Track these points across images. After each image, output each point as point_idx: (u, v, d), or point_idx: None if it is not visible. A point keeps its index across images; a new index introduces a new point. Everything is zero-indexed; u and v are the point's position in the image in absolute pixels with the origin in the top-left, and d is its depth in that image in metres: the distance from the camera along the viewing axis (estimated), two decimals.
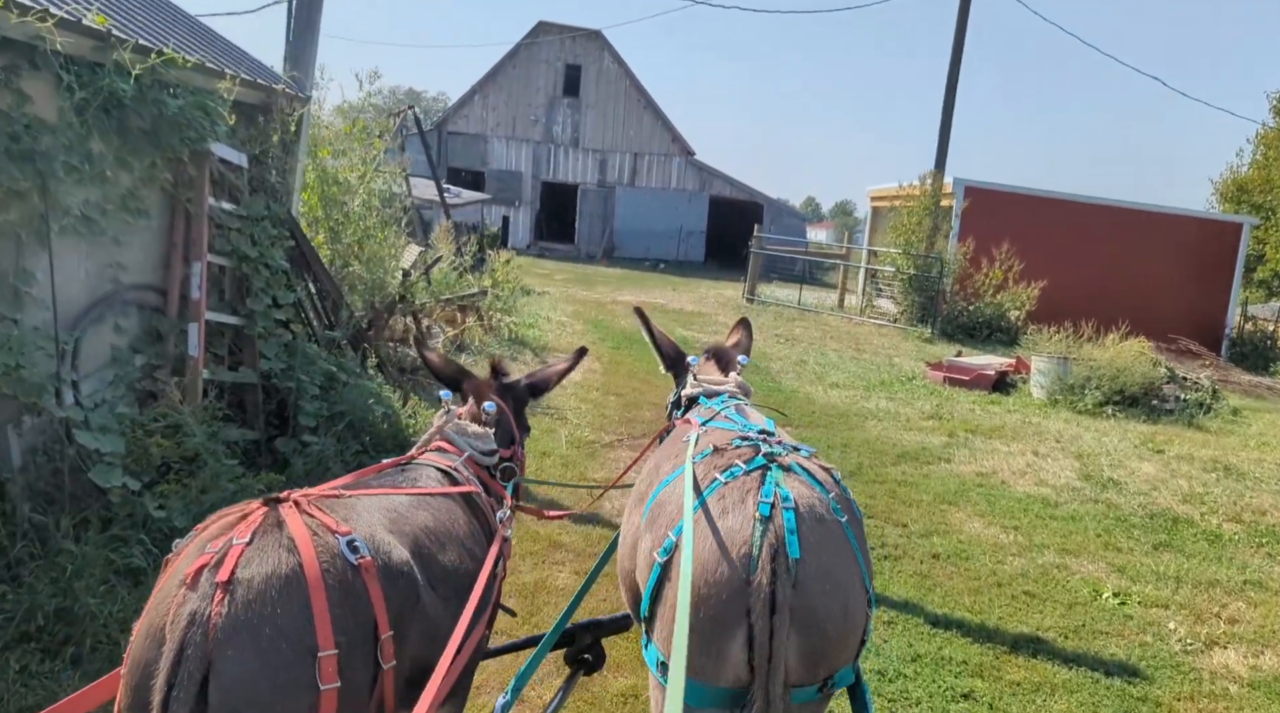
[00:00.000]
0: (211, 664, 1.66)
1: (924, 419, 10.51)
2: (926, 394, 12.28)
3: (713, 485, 2.32)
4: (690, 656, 2.03)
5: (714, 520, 2.23)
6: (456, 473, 2.65)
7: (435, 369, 3.31)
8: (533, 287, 22.70)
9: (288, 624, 1.73)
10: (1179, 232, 22.21)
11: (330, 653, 1.75)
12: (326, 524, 1.93)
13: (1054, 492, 7.69)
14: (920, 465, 8.26)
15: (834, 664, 2.19)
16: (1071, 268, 21.19)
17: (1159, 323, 19.85)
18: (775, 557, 2.08)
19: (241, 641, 1.69)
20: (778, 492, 2.20)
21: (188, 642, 1.66)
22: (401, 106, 12.56)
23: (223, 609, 1.70)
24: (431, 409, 8.08)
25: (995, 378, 13.12)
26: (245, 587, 1.73)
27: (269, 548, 1.81)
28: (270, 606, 1.73)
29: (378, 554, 1.96)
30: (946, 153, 20.25)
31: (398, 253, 10.35)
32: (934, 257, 19.65)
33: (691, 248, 39.39)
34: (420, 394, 8.67)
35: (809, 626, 2.09)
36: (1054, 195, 22.15)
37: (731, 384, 3.19)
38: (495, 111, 37.92)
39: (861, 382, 12.87)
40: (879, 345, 17.31)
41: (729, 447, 2.48)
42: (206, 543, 1.82)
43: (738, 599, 2.09)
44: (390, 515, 2.20)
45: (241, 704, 1.68)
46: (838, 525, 2.24)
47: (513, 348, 12.02)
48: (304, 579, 1.77)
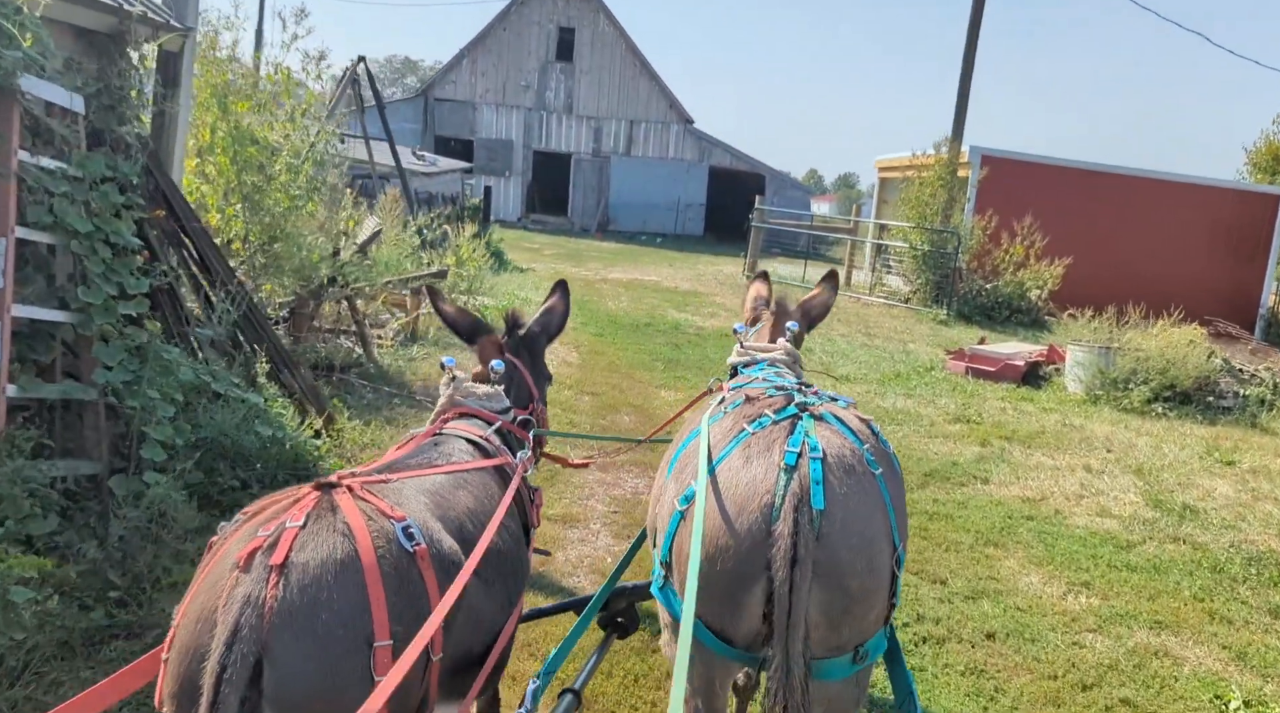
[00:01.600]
0: (266, 649, 1.61)
1: (950, 422, 9.05)
2: (949, 389, 10.80)
3: (740, 436, 2.26)
4: (709, 607, 2.09)
5: (737, 471, 2.17)
6: (487, 443, 2.56)
7: (450, 321, 3.16)
8: (518, 263, 21.19)
9: (345, 612, 1.67)
10: (1211, 204, 20.61)
11: (386, 644, 1.69)
12: (381, 509, 1.87)
13: (1121, 526, 6.23)
14: (953, 488, 6.80)
15: (860, 626, 2.09)
16: (1095, 243, 19.64)
17: (1189, 302, 18.26)
18: (798, 507, 2.01)
19: (298, 626, 1.63)
20: (806, 441, 2.13)
21: (242, 624, 1.61)
22: (354, 63, 10.93)
23: (278, 593, 1.64)
24: (361, 421, 6.63)
25: (1025, 369, 11.64)
26: (301, 571, 1.67)
27: (324, 532, 1.75)
28: (327, 591, 1.67)
29: (431, 543, 1.91)
30: (965, 118, 18.64)
31: (336, 226, 8.84)
32: (950, 231, 18.08)
33: (690, 221, 37.73)
34: (352, 397, 7.20)
35: (831, 580, 2.02)
36: (1076, 165, 20.54)
37: (779, 351, 2.96)
38: (484, 77, 36.13)
39: (874, 374, 11.39)
40: (890, 329, 15.81)
41: (761, 396, 2.44)
42: (257, 527, 1.77)
43: (758, 550, 2.04)
44: (435, 499, 2.12)
45: (297, 693, 1.62)
46: (869, 478, 2.15)
47: None
48: (360, 565, 1.72)
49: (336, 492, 1.88)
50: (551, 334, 3.27)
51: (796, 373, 2.88)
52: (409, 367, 8.52)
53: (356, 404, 7.08)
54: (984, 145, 20.17)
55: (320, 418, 5.98)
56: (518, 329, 3.14)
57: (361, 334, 8.06)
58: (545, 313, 3.27)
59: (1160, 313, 12.65)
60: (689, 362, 10.96)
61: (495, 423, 2.70)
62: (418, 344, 9.30)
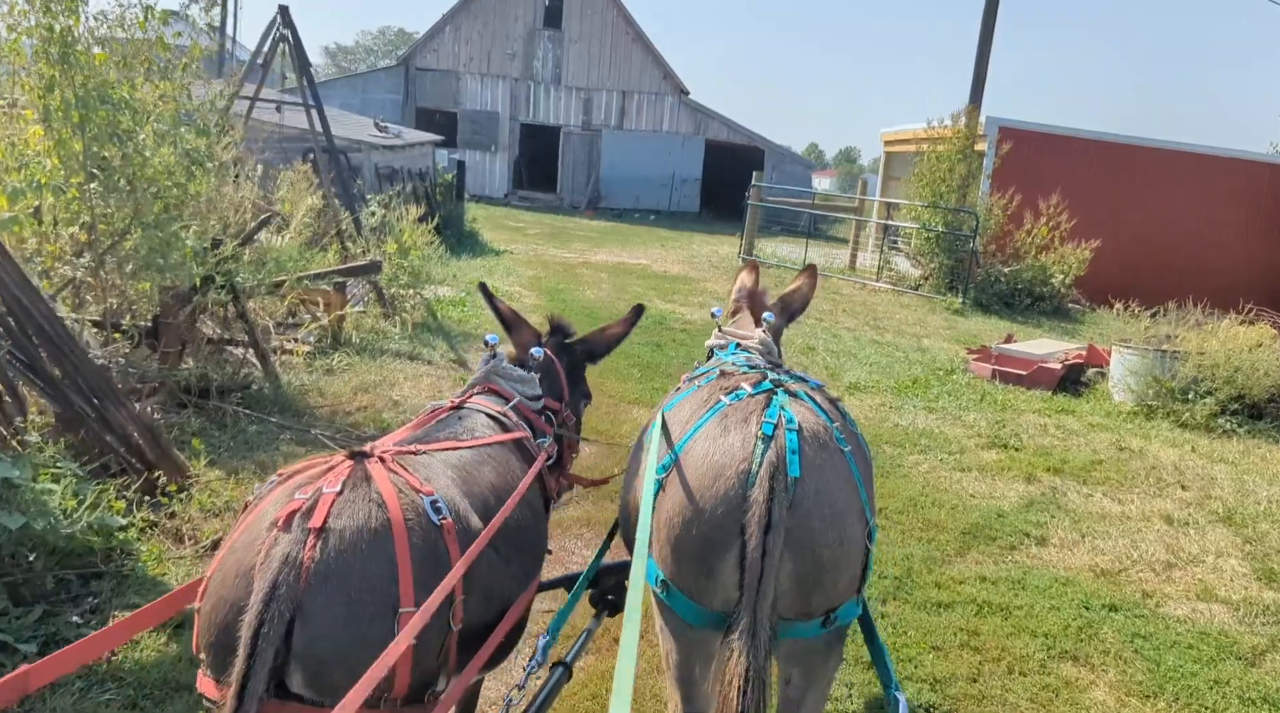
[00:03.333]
0: (300, 608, 1.68)
1: (984, 447, 7.46)
2: (975, 399, 9.21)
3: (717, 406, 2.28)
4: (683, 572, 2.14)
5: (714, 439, 2.18)
6: (506, 418, 2.60)
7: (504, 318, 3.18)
8: (497, 244, 19.52)
9: (375, 578, 1.76)
10: (1251, 180, 18.91)
11: (411, 611, 1.75)
12: (411, 483, 1.93)
13: (1235, 618, 4.65)
14: (1002, 554, 5.22)
15: (830, 594, 2.12)
16: (1122, 223, 17.98)
17: (1225, 289, 16.71)
18: (774, 475, 2.03)
19: (331, 588, 1.71)
20: (782, 414, 2.17)
21: (280, 582, 1.67)
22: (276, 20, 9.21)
23: (315, 555, 1.72)
24: (226, 470, 5.06)
25: (1062, 374, 10.04)
26: (338, 536, 1.75)
27: (359, 500, 1.82)
28: (360, 557, 1.75)
29: (458, 518, 1.97)
30: (984, 85, 16.90)
31: (224, 210, 7.19)
32: (968, 210, 16.40)
33: (685, 197, 35.92)
34: (224, 434, 5.61)
35: (803, 548, 2.05)
36: (1102, 137, 18.83)
37: (754, 340, 2.92)
38: (468, 45, 34.18)
39: (888, 379, 9.79)
40: (902, 320, 14.18)
41: (736, 371, 2.50)
42: (295, 490, 1.83)
43: (732, 515, 2.05)
44: (460, 474, 2.17)
45: (325, 650, 1.70)
46: (840, 454, 2.19)
47: (419, 338, 8.89)
48: (392, 535, 1.79)
49: (369, 462, 1.93)
50: (595, 353, 3.24)
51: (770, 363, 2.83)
52: (319, 384, 6.90)
53: (229, 444, 5.48)
54: (1002, 116, 18.46)
55: (154, 476, 4.38)
56: (561, 334, 3.17)
57: (256, 345, 6.45)
58: (599, 330, 3.29)
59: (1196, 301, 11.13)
60: (671, 366, 9.36)
61: (513, 400, 2.72)
62: (339, 352, 7.68)
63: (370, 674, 1.61)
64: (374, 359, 7.83)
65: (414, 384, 7.37)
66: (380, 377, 7.38)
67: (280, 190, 8.54)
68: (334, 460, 1.94)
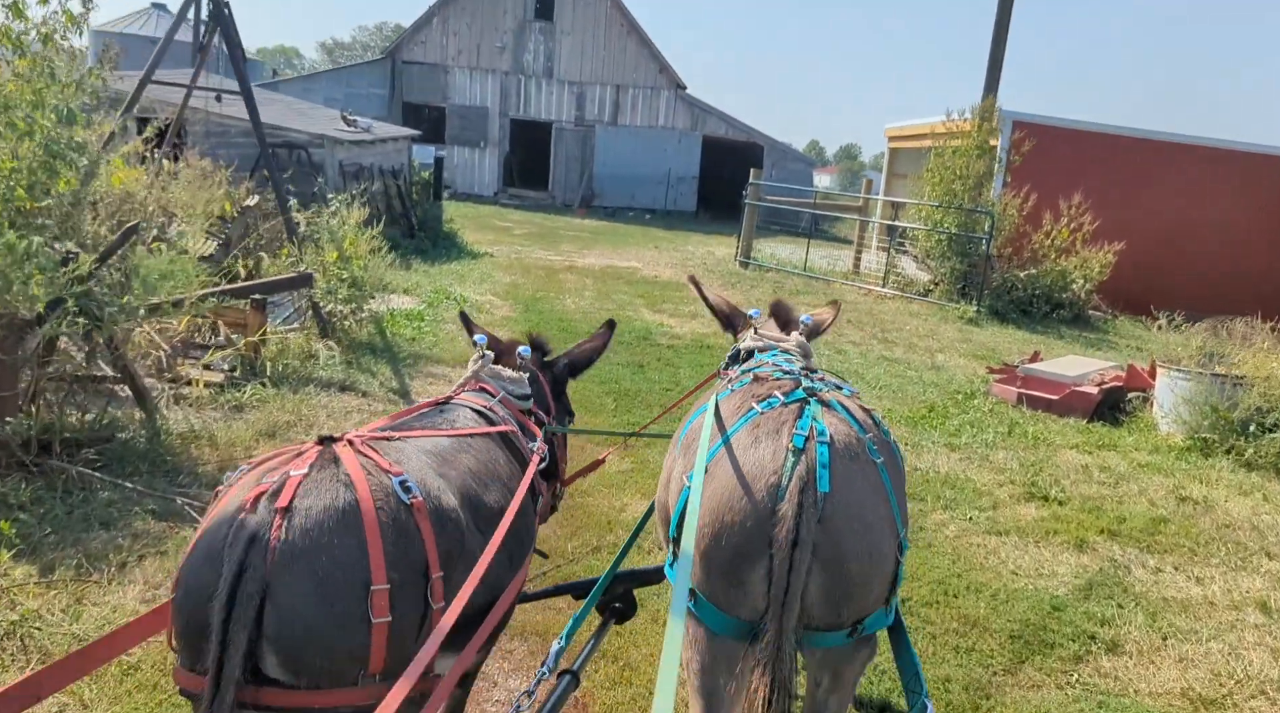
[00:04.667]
0: (269, 588, 1.66)
1: (1020, 499, 6.24)
2: (1002, 431, 7.99)
3: (748, 414, 2.25)
4: (711, 582, 2.11)
5: (745, 450, 2.16)
6: (492, 412, 2.60)
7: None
8: (478, 246, 18.29)
9: (343, 556, 1.73)
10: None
11: (383, 588, 1.74)
12: (380, 464, 1.92)
13: None
14: (1066, 672, 3.99)
15: (859, 607, 2.09)
16: (1150, 223, 16.74)
17: (1262, 297, 15.50)
18: (804, 489, 2.01)
19: (299, 568, 1.69)
20: (814, 425, 2.14)
21: (247, 564, 1.65)
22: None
23: (281, 535, 1.70)
24: (39, 564, 3.81)
25: (1099, 400, 8.81)
26: (304, 515, 1.73)
27: (326, 481, 1.81)
28: (327, 536, 1.73)
29: (429, 497, 1.95)
30: (999, 76, 15.66)
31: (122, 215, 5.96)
32: (983, 210, 15.16)
33: (681, 196, 34.63)
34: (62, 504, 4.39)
35: (832, 563, 2.02)
36: (1127, 133, 17.58)
37: (791, 343, 2.91)
38: (457, 37, 32.87)
39: (901, 406, 8.56)
40: (912, 332, 12.95)
41: (769, 378, 2.44)
42: (264, 474, 1.83)
43: (761, 529, 2.03)
44: (436, 459, 2.16)
45: (297, 631, 1.67)
46: (872, 467, 2.15)
47: (358, 363, 7.66)
48: (359, 513, 1.78)
49: (337, 445, 1.92)
50: (576, 367, 3.26)
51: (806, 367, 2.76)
52: (216, 428, 5.66)
53: (64, 520, 4.25)
54: (1015, 110, 17.22)
55: None
56: (540, 352, 3.17)
57: (132, 382, 5.23)
58: (581, 344, 3.30)
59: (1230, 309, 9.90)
60: (653, 393, 8.14)
61: (498, 395, 2.71)
62: (252, 384, 6.44)
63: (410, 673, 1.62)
64: (296, 391, 6.60)
65: (337, 423, 6.14)
66: (296, 415, 6.15)
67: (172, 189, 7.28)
68: (303, 446, 1.94)
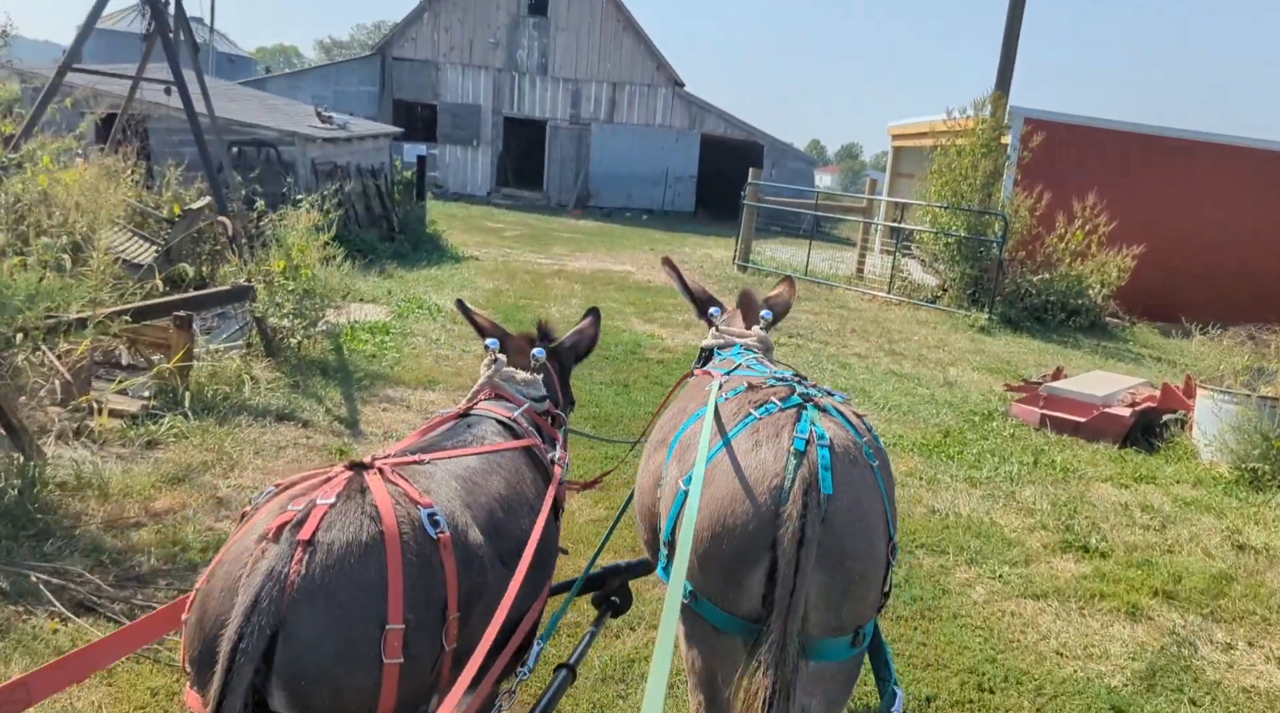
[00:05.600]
0: (283, 623, 1.62)
1: (1056, 549, 5.40)
2: (1028, 461, 7.15)
3: (747, 420, 2.27)
4: (711, 583, 2.13)
5: (746, 453, 2.18)
6: (516, 425, 2.56)
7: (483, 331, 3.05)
8: (464, 248, 17.46)
9: (362, 592, 1.69)
10: None
11: (398, 628, 1.70)
12: (410, 495, 1.89)
13: None
14: None
15: (856, 608, 2.12)
16: (1170, 225, 15.90)
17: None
18: (808, 491, 2.04)
19: (316, 603, 1.65)
20: (813, 430, 2.17)
21: (263, 597, 1.62)
22: None
23: (301, 569, 1.66)
24: None
25: (1131, 423, 7.97)
26: (326, 550, 1.69)
27: (352, 513, 1.77)
28: (348, 572, 1.69)
29: (456, 531, 1.91)
30: (1012, 69, 14.79)
31: None
32: (995, 212, 14.32)
33: (680, 196, 33.78)
34: None
35: (834, 563, 2.05)
36: (1145, 130, 16.74)
37: (753, 338, 3.02)
38: (448, 33, 32.02)
39: (914, 431, 7.73)
40: (921, 342, 12.11)
41: (764, 385, 2.46)
42: (288, 501, 1.79)
43: (764, 530, 2.06)
44: (466, 485, 2.12)
45: (308, 668, 1.64)
46: (869, 470, 2.19)
47: (304, 386, 6.81)
48: (384, 549, 1.73)
49: (368, 473, 1.89)
50: (579, 355, 3.25)
51: (770, 360, 2.90)
52: (112, 476, 4.81)
53: None
54: (1027, 106, 16.37)
55: None
56: (548, 339, 3.12)
57: (2, 417, 4.40)
58: (575, 334, 3.26)
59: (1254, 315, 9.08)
60: (636, 420, 7.28)
61: (521, 406, 2.67)
62: (172, 415, 5.61)
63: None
64: (223, 422, 5.77)
65: (264, 463, 5.30)
66: (218, 453, 5.31)
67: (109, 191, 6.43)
68: (332, 471, 1.89)
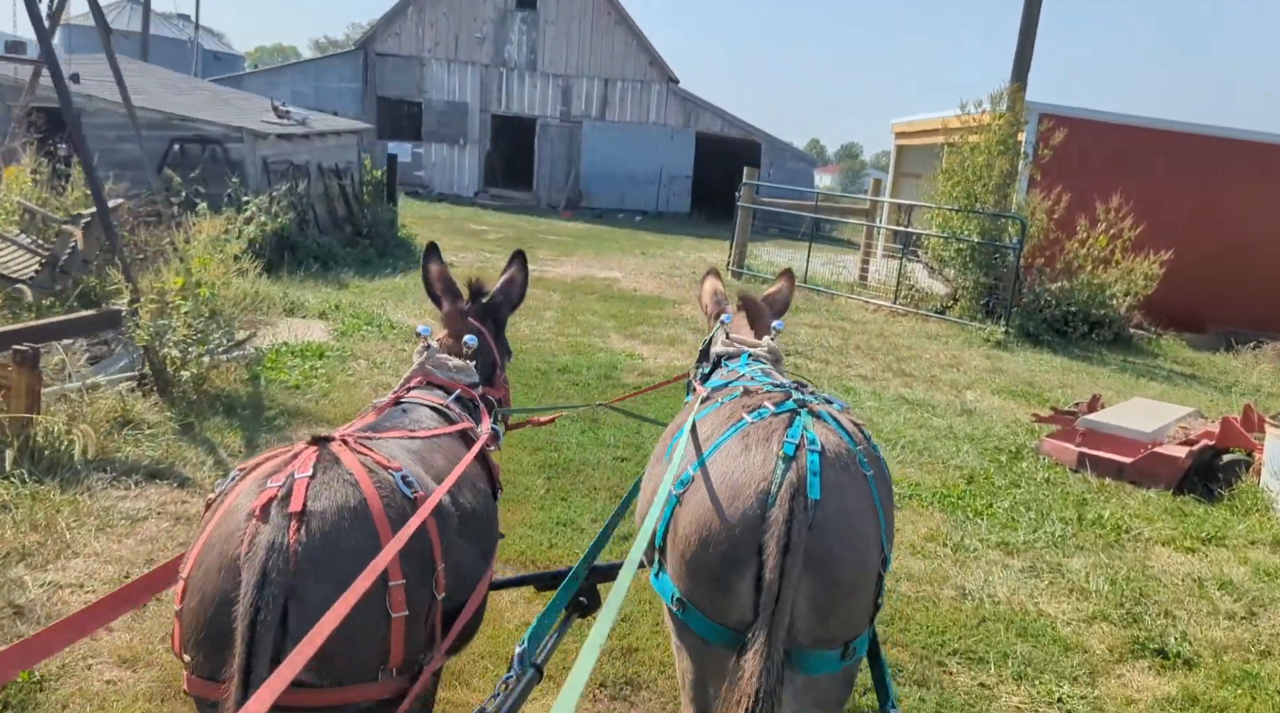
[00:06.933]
0: (293, 592, 1.69)
1: (1124, 654, 4.20)
2: (1071, 515, 5.95)
3: (739, 424, 2.26)
4: (699, 589, 2.13)
5: (735, 457, 2.17)
6: (449, 410, 2.61)
7: (428, 281, 3.15)
8: (446, 256, 16.25)
9: (361, 554, 1.75)
10: None
11: (400, 583, 1.80)
12: (378, 461, 1.96)
13: None
14: None
15: (846, 619, 2.10)
16: (1200, 230, 14.72)
17: None
18: (795, 496, 2.01)
19: (321, 570, 1.73)
20: (805, 435, 2.14)
21: (270, 569, 1.68)
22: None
23: (300, 538, 1.73)
24: None
25: (1189, 465, 6.78)
26: (320, 519, 1.77)
27: (334, 482, 1.84)
28: (344, 536, 1.78)
29: (427, 491, 1.99)
30: (1030, 59, 13.60)
31: None
32: (1012, 216, 13.12)
33: (675, 196, 32.55)
34: None
35: (821, 570, 2.02)
36: (1173, 127, 15.57)
37: (763, 348, 2.98)
38: (434, 28, 30.78)
39: (931, 476, 6.53)
40: (932, 360, 10.91)
41: (760, 390, 2.45)
42: (265, 479, 1.84)
43: (751, 535, 2.03)
44: (416, 458, 2.18)
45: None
46: (862, 478, 2.16)
47: (193, 434, 5.62)
48: (370, 511, 1.83)
49: (333, 445, 1.94)
50: (513, 304, 3.25)
51: (780, 371, 2.88)
52: None
53: None
54: (1043, 101, 15.20)
55: None
56: (481, 297, 3.13)
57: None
58: (505, 284, 3.24)
59: None
60: (602, 467, 6.07)
61: (454, 391, 2.71)
62: (6, 478, 4.41)
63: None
64: (69, 487, 4.57)
65: (104, 546, 4.09)
66: (46, 532, 4.11)
67: None
68: (297, 448, 1.93)
